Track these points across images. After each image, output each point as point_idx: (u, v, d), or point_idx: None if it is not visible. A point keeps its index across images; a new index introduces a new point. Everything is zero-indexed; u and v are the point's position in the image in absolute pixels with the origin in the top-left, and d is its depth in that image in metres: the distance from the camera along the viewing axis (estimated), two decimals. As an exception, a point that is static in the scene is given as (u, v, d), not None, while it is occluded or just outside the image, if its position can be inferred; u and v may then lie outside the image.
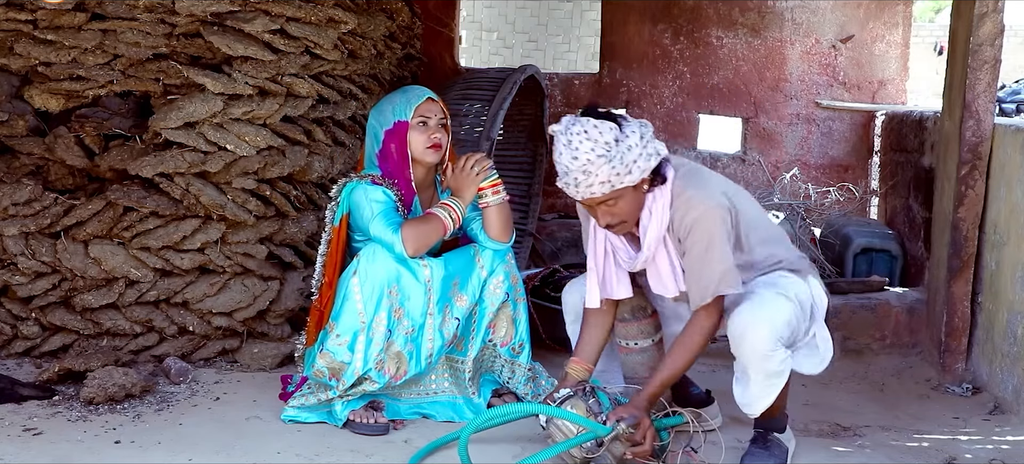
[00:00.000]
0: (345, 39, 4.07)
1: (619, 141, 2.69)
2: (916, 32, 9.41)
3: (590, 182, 2.70)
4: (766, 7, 5.89)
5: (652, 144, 2.74)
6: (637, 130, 2.74)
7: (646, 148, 2.72)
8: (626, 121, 2.76)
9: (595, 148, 2.66)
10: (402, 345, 3.20)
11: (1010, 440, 3.24)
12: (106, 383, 3.32)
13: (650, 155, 2.73)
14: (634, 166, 2.70)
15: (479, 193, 3.31)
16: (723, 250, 2.76)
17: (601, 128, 2.68)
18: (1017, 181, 3.48)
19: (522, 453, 3.02)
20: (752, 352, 2.74)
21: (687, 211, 2.79)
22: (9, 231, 3.63)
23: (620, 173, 2.69)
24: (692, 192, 2.80)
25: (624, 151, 2.68)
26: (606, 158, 2.67)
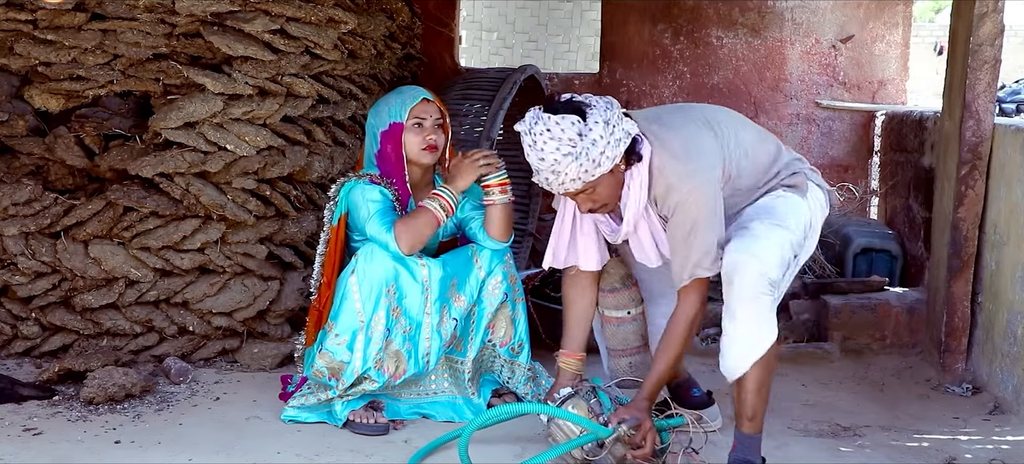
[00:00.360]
0: (345, 39, 4.07)
1: (583, 135, 2.63)
2: (916, 32, 9.40)
3: (561, 180, 2.67)
4: (766, 7, 5.89)
5: (619, 127, 2.68)
6: (601, 117, 2.66)
7: (613, 135, 2.66)
8: (591, 108, 2.68)
9: (560, 147, 2.63)
10: (401, 344, 3.20)
11: (1010, 440, 3.24)
12: (106, 383, 3.32)
13: (619, 141, 2.67)
14: (602, 158, 2.65)
15: (486, 190, 3.30)
16: (707, 231, 2.72)
17: (563, 124, 2.63)
18: (1017, 181, 3.48)
19: (523, 453, 3.02)
20: (740, 292, 2.68)
21: (668, 191, 2.75)
22: (9, 231, 3.63)
23: (588, 168, 2.65)
24: (673, 170, 2.73)
25: (589, 146, 2.63)
26: (572, 156, 2.63)
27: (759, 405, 2.79)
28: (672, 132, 2.80)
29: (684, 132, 2.81)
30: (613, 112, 2.70)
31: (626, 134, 2.69)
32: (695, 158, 2.76)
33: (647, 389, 2.84)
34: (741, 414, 2.82)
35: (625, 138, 2.69)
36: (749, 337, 2.72)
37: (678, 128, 2.82)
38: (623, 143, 2.69)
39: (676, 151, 2.76)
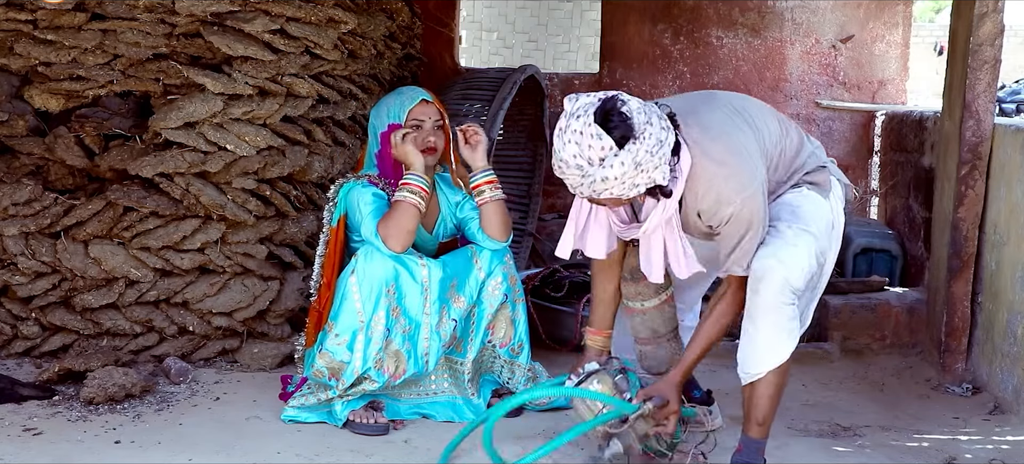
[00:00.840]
0: (345, 39, 4.07)
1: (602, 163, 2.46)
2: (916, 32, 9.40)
3: (562, 175, 2.54)
4: (766, 7, 5.89)
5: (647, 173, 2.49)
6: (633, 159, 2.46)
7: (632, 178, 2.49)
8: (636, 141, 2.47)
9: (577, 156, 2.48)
10: (400, 344, 3.20)
11: (1010, 440, 3.24)
12: (106, 383, 3.32)
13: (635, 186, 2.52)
14: (604, 191, 2.51)
15: (476, 191, 3.31)
16: (756, 236, 2.66)
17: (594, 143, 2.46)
18: (1017, 181, 3.48)
19: (523, 453, 3.02)
20: (764, 300, 2.67)
21: (719, 205, 2.63)
22: (9, 231, 3.63)
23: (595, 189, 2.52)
24: (723, 184, 2.61)
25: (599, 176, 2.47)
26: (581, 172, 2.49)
27: (770, 411, 2.80)
28: (715, 141, 2.66)
29: (727, 138, 2.67)
30: (654, 158, 2.49)
31: (650, 181, 2.52)
32: (743, 168, 2.64)
33: (680, 369, 2.81)
34: (751, 417, 2.81)
35: (646, 184, 2.53)
36: (768, 344, 2.71)
37: (719, 133, 2.68)
38: (639, 188, 2.53)
39: (723, 160, 2.63)
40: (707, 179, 2.64)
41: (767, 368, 2.73)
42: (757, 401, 2.78)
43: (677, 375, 2.80)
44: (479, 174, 3.32)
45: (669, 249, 2.77)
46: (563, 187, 2.89)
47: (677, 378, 2.80)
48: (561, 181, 2.61)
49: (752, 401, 2.79)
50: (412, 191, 3.17)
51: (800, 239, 2.71)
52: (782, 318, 2.70)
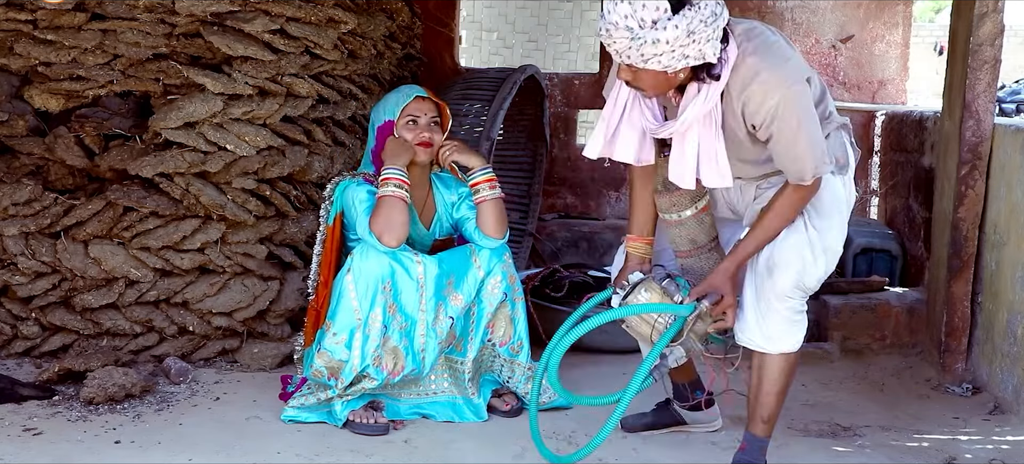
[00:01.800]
0: (345, 39, 4.07)
1: (655, 24, 2.38)
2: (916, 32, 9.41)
3: (610, 41, 2.44)
4: (766, 7, 5.89)
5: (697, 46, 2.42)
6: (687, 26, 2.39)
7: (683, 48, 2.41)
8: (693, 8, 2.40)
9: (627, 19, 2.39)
10: (398, 340, 3.20)
11: (1010, 440, 3.24)
12: (106, 383, 3.32)
13: (685, 57, 2.43)
14: (654, 58, 2.42)
15: (474, 189, 3.32)
16: (811, 130, 2.54)
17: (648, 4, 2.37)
18: (1017, 181, 3.48)
19: (523, 453, 3.02)
20: (774, 288, 2.68)
21: (765, 97, 2.51)
22: (9, 231, 3.63)
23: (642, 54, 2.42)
24: (768, 73, 2.51)
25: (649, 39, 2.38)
26: (630, 35, 2.40)
27: (776, 410, 2.81)
28: (760, 39, 2.58)
29: (771, 41, 2.60)
30: (708, 29, 2.42)
31: (700, 55, 2.45)
32: (787, 64, 2.56)
33: (734, 259, 2.71)
34: (756, 415, 2.82)
35: (696, 58, 2.45)
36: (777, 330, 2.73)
37: (764, 36, 2.60)
38: (689, 61, 2.44)
39: (770, 58, 2.54)
40: (752, 70, 2.53)
41: (780, 349, 2.74)
42: (764, 399, 2.79)
43: (731, 265, 2.71)
44: (477, 173, 3.33)
45: (703, 151, 2.61)
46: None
47: (731, 268, 2.70)
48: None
49: (759, 398, 2.80)
50: (397, 186, 3.17)
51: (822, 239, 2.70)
52: (789, 311, 2.73)
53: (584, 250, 5.27)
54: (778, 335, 2.74)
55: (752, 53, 2.53)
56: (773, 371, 2.77)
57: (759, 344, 2.76)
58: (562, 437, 3.16)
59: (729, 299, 2.70)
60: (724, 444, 3.14)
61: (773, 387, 2.78)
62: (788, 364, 2.78)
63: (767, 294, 2.71)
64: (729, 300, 2.70)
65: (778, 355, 2.76)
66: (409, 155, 3.26)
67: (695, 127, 2.59)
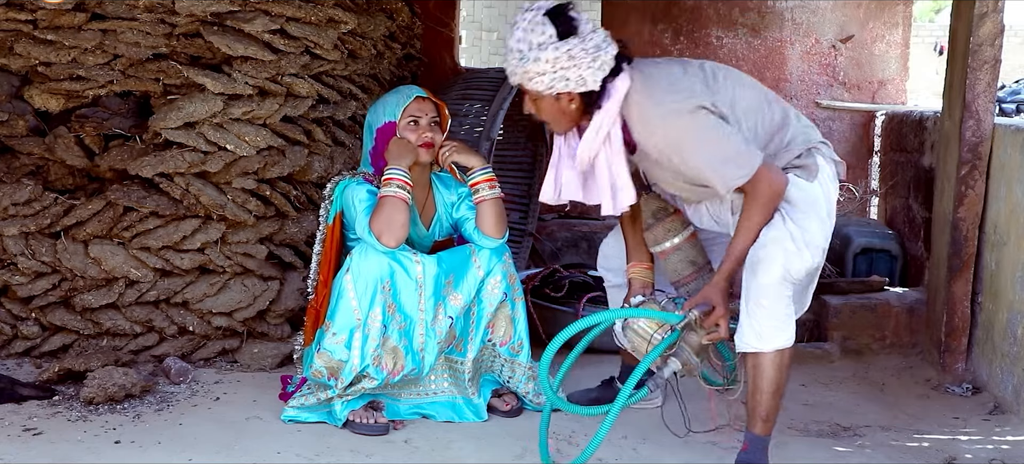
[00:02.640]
0: (345, 39, 4.07)
1: (541, 47, 2.65)
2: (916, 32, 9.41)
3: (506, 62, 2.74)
4: (766, 7, 5.89)
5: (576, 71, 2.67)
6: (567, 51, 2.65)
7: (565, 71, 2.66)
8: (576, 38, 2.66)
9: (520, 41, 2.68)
10: (397, 340, 3.20)
11: (1010, 440, 3.24)
12: (106, 383, 3.32)
13: (565, 80, 2.68)
14: (539, 79, 2.68)
15: (474, 188, 3.32)
16: (709, 150, 2.70)
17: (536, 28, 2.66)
18: (1017, 181, 3.48)
19: (523, 453, 3.02)
20: (761, 285, 2.72)
21: (651, 133, 2.74)
22: (9, 231, 3.63)
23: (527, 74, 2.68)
24: (651, 110, 2.73)
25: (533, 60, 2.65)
26: (519, 55, 2.68)
27: (772, 407, 2.82)
28: (653, 74, 2.79)
29: (665, 72, 2.80)
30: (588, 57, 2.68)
31: (580, 80, 2.70)
32: (668, 93, 2.74)
33: (722, 273, 2.81)
34: (754, 414, 2.82)
35: (576, 82, 2.70)
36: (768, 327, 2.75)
37: (660, 70, 2.81)
38: (569, 84, 2.69)
39: (651, 90, 2.74)
40: (636, 106, 2.75)
41: (774, 346, 2.75)
42: (761, 397, 2.80)
43: (720, 279, 2.80)
44: (477, 173, 3.33)
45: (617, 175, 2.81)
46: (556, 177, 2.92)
47: (721, 282, 2.79)
48: None
49: (756, 397, 2.81)
50: (400, 186, 3.17)
51: (803, 234, 2.75)
52: (781, 302, 2.74)
53: (584, 250, 5.27)
54: (769, 332, 2.75)
55: (637, 90, 2.75)
56: (768, 369, 2.78)
57: (752, 344, 2.78)
58: (562, 437, 3.16)
59: (720, 310, 2.77)
60: (724, 444, 3.14)
61: (769, 385, 2.79)
62: (782, 361, 2.79)
63: (754, 292, 2.74)
64: (720, 311, 2.77)
65: (772, 352, 2.77)
66: (413, 156, 3.26)
67: (601, 156, 2.81)
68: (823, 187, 2.86)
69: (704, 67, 2.86)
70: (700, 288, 2.96)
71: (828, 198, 2.87)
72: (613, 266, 3.31)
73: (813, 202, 2.81)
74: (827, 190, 2.87)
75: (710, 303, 2.78)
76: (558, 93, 2.73)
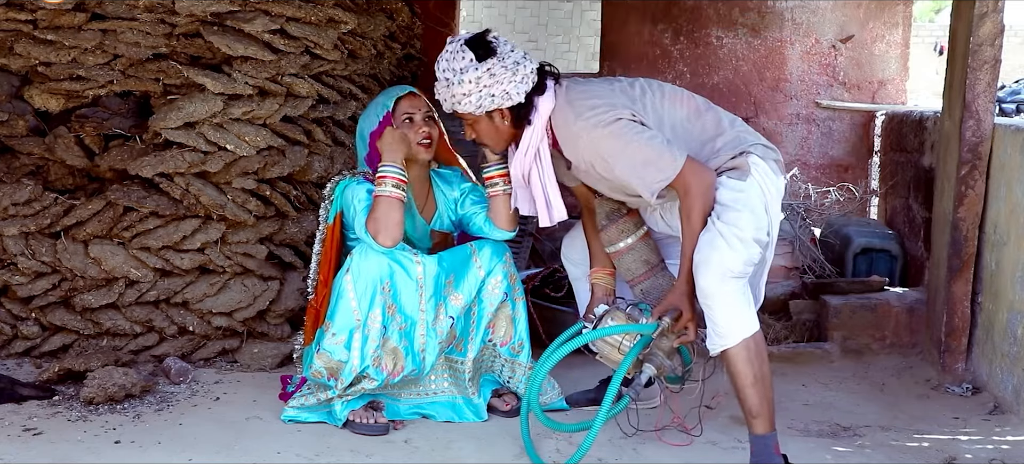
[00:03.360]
0: (345, 39, 4.07)
1: (463, 71, 2.89)
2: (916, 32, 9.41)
3: (439, 95, 2.99)
4: (766, 7, 5.89)
5: (500, 88, 2.89)
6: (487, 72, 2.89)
7: (486, 89, 2.89)
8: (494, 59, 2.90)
9: (445, 71, 2.93)
10: (397, 341, 3.20)
11: (1010, 440, 3.24)
12: (106, 383, 3.32)
13: (491, 97, 2.91)
14: (466, 100, 2.92)
15: (489, 182, 3.30)
16: (629, 159, 2.83)
17: (457, 55, 2.91)
18: (1017, 181, 3.48)
19: (523, 453, 3.02)
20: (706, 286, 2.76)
21: (575, 146, 2.92)
22: (9, 231, 3.63)
23: (456, 100, 2.93)
24: (572, 126, 2.90)
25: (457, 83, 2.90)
26: (446, 83, 2.93)
27: (759, 400, 2.79)
28: (575, 91, 2.96)
29: (587, 90, 2.97)
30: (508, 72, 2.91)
31: (505, 96, 2.92)
32: (589, 108, 2.89)
33: (682, 277, 2.87)
34: (745, 413, 2.82)
35: (501, 97, 2.92)
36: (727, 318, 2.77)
37: (583, 88, 2.98)
38: (495, 101, 2.92)
39: (573, 103, 2.92)
40: (560, 122, 2.95)
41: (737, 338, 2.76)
42: (743, 393, 2.80)
43: (682, 283, 2.87)
44: (493, 166, 3.30)
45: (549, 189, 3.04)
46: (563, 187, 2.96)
47: (684, 286, 2.87)
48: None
49: (739, 396, 2.81)
50: (395, 184, 3.17)
51: (732, 230, 2.78)
52: (729, 296, 2.77)
53: (584, 250, 5.26)
54: (726, 326, 2.77)
55: (561, 107, 2.95)
56: (739, 363, 2.77)
57: (717, 343, 2.80)
58: (562, 437, 3.16)
59: (688, 313, 2.86)
60: (724, 444, 3.14)
61: (746, 378, 2.77)
62: (750, 351, 2.77)
63: (702, 294, 2.79)
64: (688, 315, 2.86)
65: (738, 345, 2.77)
66: (404, 147, 3.23)
67: (534, 172, 3.03)
68: (759, 182, 2.90)
69: (634, 84, 3.02)
70: (655, 285, 3.11)
71: (765, 191, 2.91)
72: (574, 258, 3.42)
73: (745, 199, 2.84)
74: (763, 184, 2.91)
75: (677, 308, 2.86)
76: (489, 111, 2.95)
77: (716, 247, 2.76)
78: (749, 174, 2.89)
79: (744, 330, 2.78)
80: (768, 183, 2.93)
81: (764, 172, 2.93)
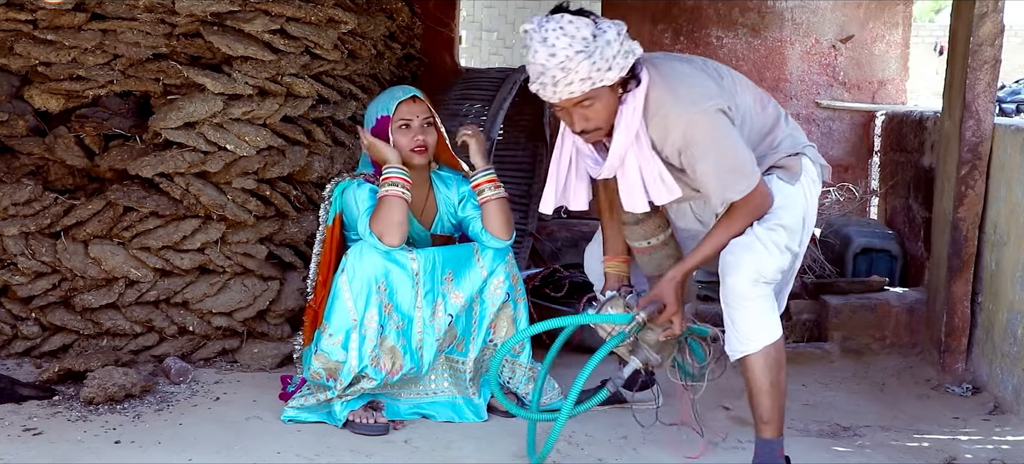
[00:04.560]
0: (345, 39, 4.07)
1: (597, 36, 2.59)
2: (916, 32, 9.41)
3: (569, 80, 2.58)
4: (766, 7, 5.89)
5: (628, 43, 2.65)
6: (613, 27, 2.64)
7: (623, 45, 2.62)
8: (600, 18, 2.67)
9: (573, 44, 2.56)
10: (395, 340, 3.20)
11: (1010, 440, 3.24)
12: (106, 383, 3.32)
13: (627, 52, 2.63)
14: (613, 62, 2.59)
15: (477, 190, 3.31)
16: (722, 157, 2.66)
17: (577, 23, 2.59)
18: (1017, 181, 3.48)
19: (522, 453, 3.02)
20: (735, 289, 2.69)
21: (668, 130, 2.68)
22: (9, 231, 3.63)
23: (600, 67, 2.58)
24: (670, 107, 2.67)
25: (603, 46, 2.58)
26: (585, 53, 2.56)
27: (772, 407, 2.77)
28: (670, 70, 2.75)
29: (683, 71, 2.76)
30: (623, 28, 2.68)
31: (632, 51, 2.65)
32: (691, 91, 2.69)
33: (678, 268, 2.79)
34: (755, 417, 2.80)
35: (632, 54, 2.65)
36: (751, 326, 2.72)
37: (677, 67, 2.78)
38: (631, 57, 2.64)
39: (675, 88, 2.69)
40: (656, 103, 2.68)
41: (760, 344, 2.73)
42: (757, 399, 2.77)
43: (676, 274, 2.78)
44: (479, 174, 3.32)
45: (645, 174, 2.74)
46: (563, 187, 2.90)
47: (677, 277, 2.78)
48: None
49: (752, 400, 2.79)
50: (393, 183, 3.17)
51: (771, 235, 2.73)
52: (757, 302, 2.72)
53: (584, 250, 5.27)
54: (749, 333, 2.72)
55: (656, 85, 2.68)
56: (756, 370, 2.75)
57: (737, 348, 2.75)
58: (562, 437, 3.15)
59: (672, 307, 2.76)
60: (725, 444, 3.14)
61: (762, 385, 2.75)
62: (770, 359, 2.75)
63: (729, 296, 2.72)
64: (672, 308, 2.76)
65: (759, 352, 2.74)
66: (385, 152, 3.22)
67: (631, 153, 2.72)
68: (804, 189, 2.85)
69: (707, 66, 2.85)
70: None
71: (807, 199, 2.86)
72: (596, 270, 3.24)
73: (790, 205, 2.79)
74: (808, 192, 2.86)
75: (661, 301, 2.77)
76: (609, 84, 2.63)
77: (752, 250, 2.69)
78: (798, 179, 2.83)
79: (767, 337, 2.74)
80: (811, 191, 2.87)
81: (811, 179, 2.88)
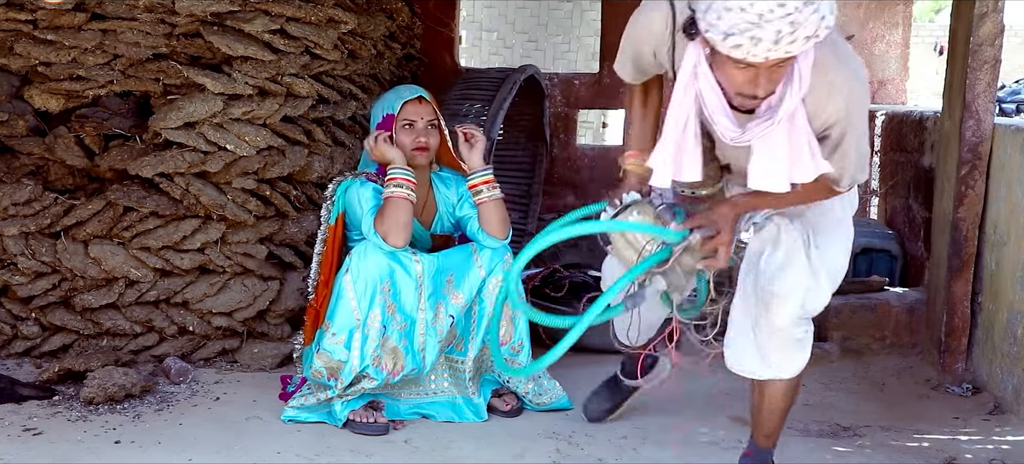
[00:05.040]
0: (345, 39, 4.07)
1: None
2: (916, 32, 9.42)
3: (794, 37, 2.07)
4: (766, 7, 5.89)
5: None
6: None
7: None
8: None
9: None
10: (397, 340, 3.20)
11: (1010, 440, 3.24)
12: (106, 383, 3.32)
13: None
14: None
15: (473, 190, 3.32)
16: (862, 138, 2.38)
17: None
18: (1017, 181, 3.49)
19: (523, 453, 3.02)
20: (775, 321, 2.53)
21: (831, 96, 2.30)
22: (9, 231, 3.63)
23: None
24: (836, 72, 2.29)
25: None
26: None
27: (776, 425, 2.76)
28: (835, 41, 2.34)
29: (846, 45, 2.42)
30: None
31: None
32: (852, 59, 2.37)
33: (734, 203, 2.49)
34: (759, 428, 2.77)
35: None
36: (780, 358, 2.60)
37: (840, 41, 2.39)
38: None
39: (837, 48, 2.33)
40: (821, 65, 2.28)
41: (788, 374, 2.62)
42: (769, 415, 2.72)
43: (730, 208, 2.48)
44: (476, 174, 3.32)
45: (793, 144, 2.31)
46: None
47: (730, 211, 2.47)
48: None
49: (762, 413, 2.74)
50: (398, 184, 3.18)
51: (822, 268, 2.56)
52: (800, 335, 2.60)
53: (584, 250, 5.27)
54: (779, 362, 2.60)
55: (821, 46, 2.21)
56: (775, 395, 2.67)
57: (763, 373, 2.62)
58: (562, 437, 3.16)
59: (725, 236, 2.46)
60: (725, 444, 3.14)
61: (776, 407, 2.70)
62: (791, 387, 2.67)
63: (764, 326, 2.57)
64: (724, 237, 2.46)
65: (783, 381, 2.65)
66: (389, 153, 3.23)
67: (782, 126, 2.29)
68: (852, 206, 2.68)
69: None
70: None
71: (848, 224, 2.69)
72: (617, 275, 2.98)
73: (838, 224, 2.63)
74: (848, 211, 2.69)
75: (715, 228, 2.45)
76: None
77: (805, 284, 2.51)
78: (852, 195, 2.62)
79: (795, 369, 2.62)
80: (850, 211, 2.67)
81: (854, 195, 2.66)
